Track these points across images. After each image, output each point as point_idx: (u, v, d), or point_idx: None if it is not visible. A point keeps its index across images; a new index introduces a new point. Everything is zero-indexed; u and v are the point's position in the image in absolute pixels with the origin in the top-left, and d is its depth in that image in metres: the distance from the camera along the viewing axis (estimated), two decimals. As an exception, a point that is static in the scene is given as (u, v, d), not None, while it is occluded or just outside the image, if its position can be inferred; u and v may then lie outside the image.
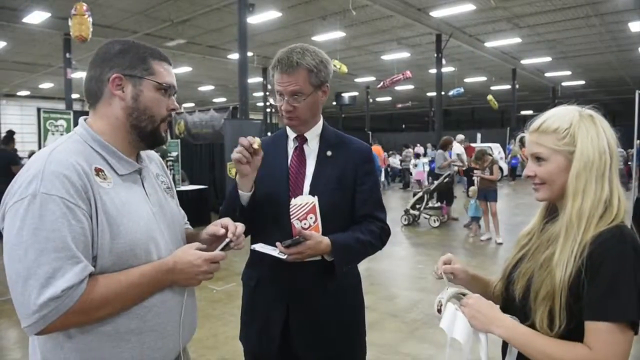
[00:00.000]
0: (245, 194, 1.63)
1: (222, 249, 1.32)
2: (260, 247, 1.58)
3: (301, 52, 1.62)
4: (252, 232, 1.70)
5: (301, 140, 1.74)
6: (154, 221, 1.27)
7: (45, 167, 1.10)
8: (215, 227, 1.39)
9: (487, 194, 8.00)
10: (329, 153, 1.73)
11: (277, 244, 1.54)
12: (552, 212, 1.32)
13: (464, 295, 1.30)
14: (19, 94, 30.32)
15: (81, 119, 1.29)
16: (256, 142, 1.53)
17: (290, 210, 1.61)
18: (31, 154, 9.11)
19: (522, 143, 1.45)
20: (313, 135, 1.75)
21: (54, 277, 1.03)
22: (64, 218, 1.06)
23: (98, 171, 1.18)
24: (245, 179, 1.61)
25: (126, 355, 1.18)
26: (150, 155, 1.46)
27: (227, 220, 1.40)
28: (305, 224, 1.59)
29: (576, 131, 1.21)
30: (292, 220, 1.61)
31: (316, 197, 1.61)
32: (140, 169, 1.32)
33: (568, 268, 1.13)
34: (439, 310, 1.27)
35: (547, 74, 25.62)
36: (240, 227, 1.38)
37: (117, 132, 1.26)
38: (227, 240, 1.34)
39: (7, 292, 1.04)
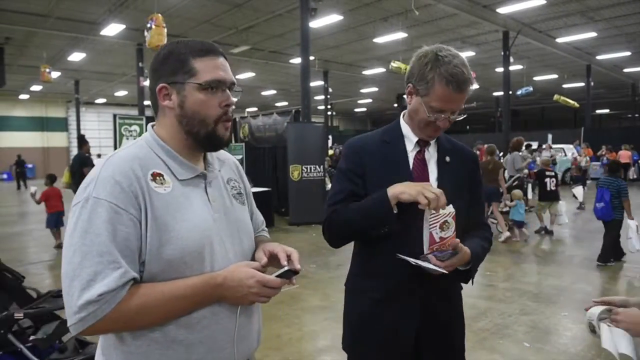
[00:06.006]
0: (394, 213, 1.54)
1: (280, 276, 1.19)
2: (412, 259, 1.50)
3: (463, 65, 1.52)
4: (366, 239, 1.65)
5: (424, 144, 1.69)
6: (213, 228, 1.22)
7: (100, 172, 1.12)
8: (265, 254, 1.29)
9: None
10: (447, 159, 1.69)
11: (430, 256, 1.50)
12: None
13: (609, 311, 1.35)
14: (96, 101, 32.44)
15: (149, 126, 1.31)
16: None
17: (430, 218, 1.52)
18: (98, 157, 9.69)
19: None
20: (432, 140, 1.71)
21: (94, 281, 1.03)
22: (110, 222, 1.07)
23: (155, 176, 1.17)
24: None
25: None
26: (224, 159, 1.42)
27: (277, 246, 1.31)
28: (445, 234, 1.52)
29: None
30: (430, 230, 1.52)
31: (451, 205, 1.52)
32: (205, 174, 1.27)
33: None
34: (593, 331, 1.36)
35: (626, 70, 23.98)
36: (295, 253, 1.27)
37: (176, 139, 1.25)
38: (286, 267, 1.21)
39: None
